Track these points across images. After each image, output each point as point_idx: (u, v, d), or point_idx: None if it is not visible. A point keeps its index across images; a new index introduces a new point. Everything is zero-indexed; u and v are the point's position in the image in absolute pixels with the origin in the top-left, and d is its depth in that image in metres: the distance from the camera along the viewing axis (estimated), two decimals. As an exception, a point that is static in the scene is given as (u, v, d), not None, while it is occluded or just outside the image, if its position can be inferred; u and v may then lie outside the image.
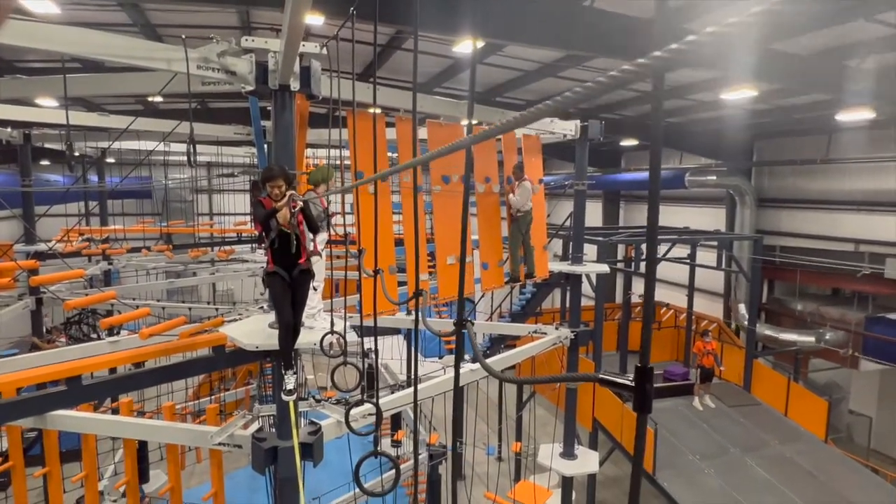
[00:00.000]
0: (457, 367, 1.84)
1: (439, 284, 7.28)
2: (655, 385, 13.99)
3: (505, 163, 8.51)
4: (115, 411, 7.48)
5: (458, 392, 1.85)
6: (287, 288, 4.47)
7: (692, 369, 13.32)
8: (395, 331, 17.27)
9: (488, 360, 7.40)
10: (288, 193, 4.27)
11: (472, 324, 1.77)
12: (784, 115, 13.88)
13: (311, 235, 4.58)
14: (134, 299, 11.12)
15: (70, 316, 11.56)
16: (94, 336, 10.91)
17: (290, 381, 4.55)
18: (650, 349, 1.12)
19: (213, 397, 10.16)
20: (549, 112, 0.94)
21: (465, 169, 1.74)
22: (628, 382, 1.15)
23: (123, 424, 5.36)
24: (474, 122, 9.29)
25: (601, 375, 1.21)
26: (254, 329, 5.42)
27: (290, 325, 4.44)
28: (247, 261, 13.17)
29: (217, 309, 9.40)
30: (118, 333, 6.67)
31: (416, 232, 2.63)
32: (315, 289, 5.14)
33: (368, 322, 4.88)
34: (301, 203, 4.27)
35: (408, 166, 1.84)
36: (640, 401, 1.11)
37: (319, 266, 5.53)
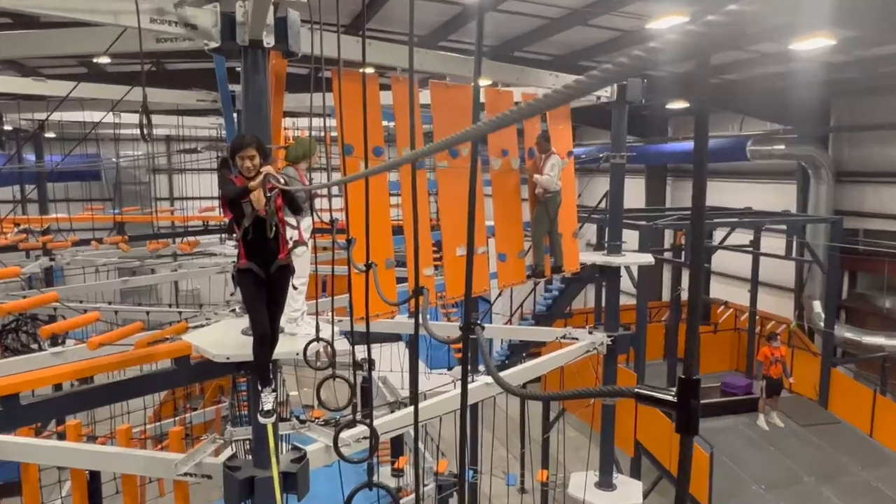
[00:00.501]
0: (464, 380, 1.84)
1: (447, 280, 7.29)
2: (712, 400, 13.99)
3: (525, 132, 8.48)
4: (61, 436, 7.57)
5: (466, 410, 1.85)
6: (263, 288, 4.49)
7: (756, 381, 13.30)
8: (395, 337, 17.44)
9: (507, 372, 7.42)
10: (263, 171, 4.25)
11: (483, 328, 1.76)
12: (869, 70, 13.69)
13: (293, 222, 4.61)
14: (81, 302, 11.23)
15: (5, 323, 11.70)
16: (34, 346, 11.04)
17: (268, 400, 4.58)
18: (698, 356, 1.11)
19: (177, 419, 10.27)
20: (615, 77, 0.92)
21: (472, 142, 1.73)
22: (669, 398, 1.14)
23: (70, 452, 5.43)
24: (487, 82, 9.28)
25: (636, 389, 1.20)
26: (224, 336, 5.46)
27: (266, 334, 4.47)
28: (215, 254, 13.28)
29: (180, 313, 9.48)
30: (62, 343, 6.75)
31: (415, 217, 2.63)
32: (296, 287, 5.17)
33: (361, 327, 4.91)
34: (280, 183, 4.26)
35: (446, 145, 1.82)
36: (685, 420, 1.10)
37: (304, 259, 5.55)
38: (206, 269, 12.72)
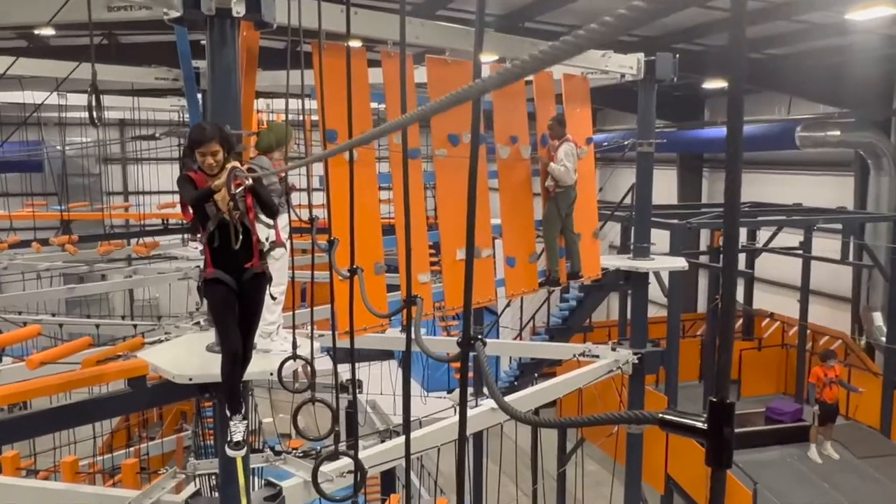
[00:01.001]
0: (462, 405, 1.85)
1: (446, 288, 7.29)
2: (756, 428, 13.98)
3: (538, 115, 8.50)
4: (-3, 469, 7.57)
5: (465, 440, 1.86)
6: (233, 300, 4.48)
7: (811, 406, 13.28)
8: (386, 354, 17.46)
9: (516, 395, 7.43)
10: (229, 166, 4.23)
11: (485, 343, 1.76)
12: (938, 42, 13.72)
13: (269, 221, 4.62)
14: (20, 313, 11.24)
15: (-68, 337, 11.69)
16: (-34, 365, 11.05)
17: (238, 429, 4.58)
18: (729, 374, 1.11)
19: (131, 449, 10.27)
20: (602, 38, 0.92)
21: (473, 124, 1.74)
22: (699, 425, 1.14)
23: (6, 488, 5.43)
24: (493, 58, 9.30)
25: (661, 415, 1.21)
26: (186, 354, 5.46)
27: (237, 354, 4.46)
28: (176, 258, 13.28)
29: (135, 326, 9.49)
30: (-2, 361, 6.75)
31: (407, 215, 2.64)
32: (274, 297, 5.16)
33: (346, 342, 4.90)
34: (248, 181, 4.24)
35: (397, 126, 1.84)
36: (717, 451, 1.10)
37: (282, 264, 5.57)
38: (165, 275, 12.73)
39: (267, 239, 4.81)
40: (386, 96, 6.58)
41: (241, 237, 4.39)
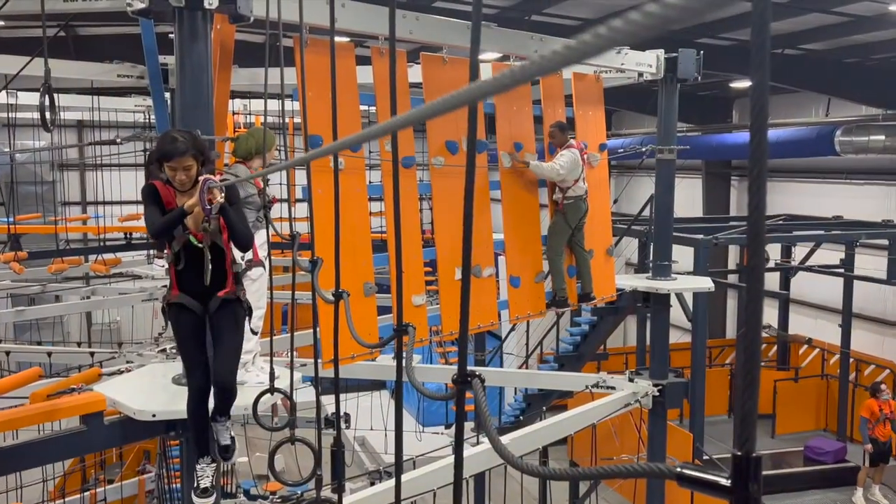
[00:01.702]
0: (458, 445, 1.84)
1: (443, 311, 7.29)
2: (793, 470, 13.95)
3: (545, 119, 8.54)
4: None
5: (461, 484, 1.85)
6: (201, 328, 4.45)
7: (861, 444, 13.21)
8: (378, 384, 17.36)
9: (521, 432, 7.39)
10: (201, 179, 4.15)
11: (483, 381, 1.74)
12: None
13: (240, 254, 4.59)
14: (-38, 340, 11.20)
15: None
16: None
17: (206, 474, 4.56)
18: (754, 422, 1.11)
19: (86, 494, 10.20)
20: (627, 38, 0.91)
21: (469, 129, 1.75)
22: (721, 481, 1.14)
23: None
24: (495, 56, 9.35)
25: (679, 469, 1.20)
26: (150, 386, 5.44)
27: (203, 390, 4.43)
28: (140, 277, 13.26)
29: (93, 354, 9.45)
30: (-63, 394, 6.70)
31: (398, 230, 2.65)
32: (255, 332, 5.13)
33: (330, 372, 4.89)
34: (220, 199, 4.18)
35: (387, 129, 1.86)
36: (742, 512, 1.10)
37: (259, 286, 5.56)
38: (128, 295, 12.70)
39: (242, 258, 4.81)
40: (376, 98, 6.61)
41: (209, 266, 4.31)
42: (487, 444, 6.70)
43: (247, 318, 4.64)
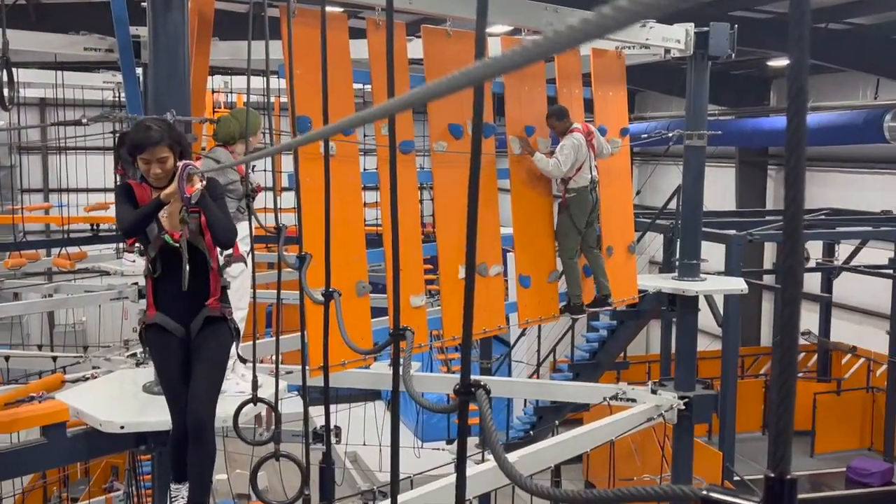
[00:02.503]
0: (461, 462, 1.85)
1: (444, 313, 7.30)
2: (836, 493, 13.92)
3: (560, 100, 8.53)
4: None
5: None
6: (183, 354, 4.36)
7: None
8: (373, 395, 17.34)
9: (531, 449, 7.40)
10: (181, 164, 4.13)
11: (488, 392, 1.74)
12: None
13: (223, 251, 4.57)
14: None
15: None
16: None
17: (179, 494, 4.57)
18: (789, 442, 1.11)
19: (48, 513, 10.23)
20: (654, 8, 0.91)
21: (475, 111, 1.75)
22: (752, 504, 1.15)
23: None
24: (504, 29, 9.35)
25: (704, 491, 1.21)
26: (119, 395, 5.46)
27: (182, 429, 4.34)
28: (108, 273, 13.26)
29: (55, 358, 9.49)
30: None
31: (395, 223, 2.65)
32: (244, 361, 5.09)
33: (319, 380, 4.89)
34: (201, 186, 4.14)
35: (383, 112, 1.87)
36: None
37: (241, 283, 5.58)
38: (94, 293, 12.71)
39: (221, 253, 4.83)
40: (372, 75, 6.61)
41: (187, 267, 4.22)
42: (493, 462, 6.72)
43: (234, 344, 4.59)
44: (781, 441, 1.07)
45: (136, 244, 4.63)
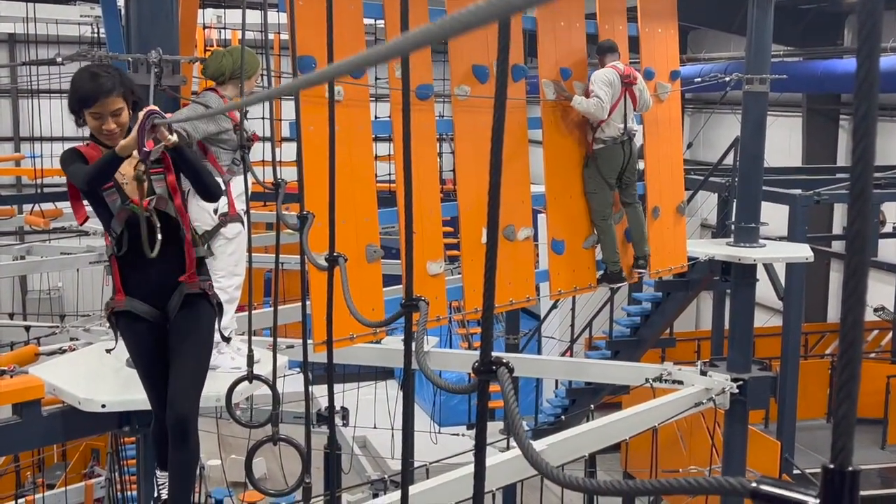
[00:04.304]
0: (480, 450, 1.86)
1: (465, 282, 7.31)
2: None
3: (601, 38, 8.47)
4: None
5: (482, 497, 1.88)
6: (159, 342, 4.32)
7: None
8: (385, 374, 17.46)
9: (562, 435, 7.44)
10: (144, 111, 3.86)
11: (511, 370, 1.74)
12: None
13: (207, 207, 4.55)
14: None
15: None
16: None
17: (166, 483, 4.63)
18: (851, 429, 1.11)
19: (21, 501, 10.39)
20: None
21: (500, 50, 1.74)
22: (808, 500, 1.14)
23: None
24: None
25: (755, 485, 1.20)
26: (98, 369, 5.51)
27: (163, 425, 4.33)
28: (87, 232, 13.37)
29: (28, 328, 9.60)
30: None
31: (409, 178, 2.65)
32: (227, 339, 5.07)
33: (322, 356, 4.93)
34: (173, 137, 3.91)
35: (396, 51, 1.86)
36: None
37: (236, 246, 5.60)
38: (71, 256, 12.82)
39: (216, 212, 4.83)
40: (384, 8, 6.58)
41: (158, 236, 4.08)
42: (518, 451, 6.75)
43: (217, 321, 4.54)
44: (843, 428, 1.07)
45: (87, 221, 4.49)
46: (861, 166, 1.12)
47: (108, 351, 4.59)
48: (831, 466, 1.10)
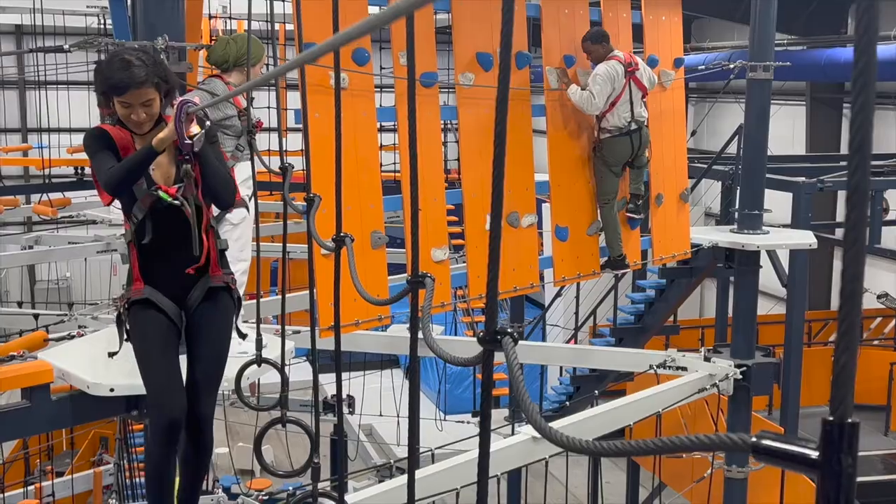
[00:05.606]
0: (484, 430, 1.87)
1: (470, 268, 7.32)
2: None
3: (605, 24, 8.45)
4: None
5: (487, 480, 1.89)
6: (172, 338, 4.12)
7: None
8: (390, 361, 17.46)
9: (567, 420, 7.46)
10: (177, 101, 3.84)
11: (516, 339, 1.75)
12: None
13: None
14: None
15: None
16: None
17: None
18: (851, 383, 1.12)
19: (30, 488, 10.44)
20: None
21: (503, 36, 1.76)
22: (809, 453, 1.15)
23: None
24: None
25: (755, 439, 1.22)
26: (106, 354, 5.52)
27: (172, 426, 4.01)
28: (95, 221, 13.40)
29: (37, 316, 9.62)
30: None
31: (414, 166, 2.66)
32: (243, 336, 5.00)
33: (330, 342, 4.94)
34: (204, 127, 3.85)
35: (395, 13, 1.86)
36: (833, 489, 1.11)
37: (242, 233, 5.62)
38: (79, 245, 12.84)
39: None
40: (389, -4, 6.58)
41: (197, 231, 3.96)
42: (524, 435, 6.76)
43: (236, 316, 4.39)
44: (842, 380, 1.08)
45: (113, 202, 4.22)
46: (860, 153, 1.13)
47: (111, 355, 4.46)
48: (830, 419, 1.11)
